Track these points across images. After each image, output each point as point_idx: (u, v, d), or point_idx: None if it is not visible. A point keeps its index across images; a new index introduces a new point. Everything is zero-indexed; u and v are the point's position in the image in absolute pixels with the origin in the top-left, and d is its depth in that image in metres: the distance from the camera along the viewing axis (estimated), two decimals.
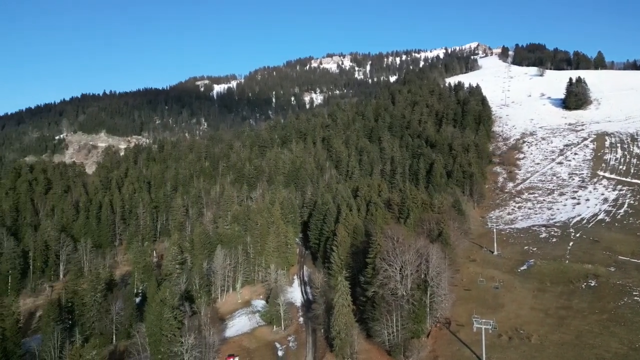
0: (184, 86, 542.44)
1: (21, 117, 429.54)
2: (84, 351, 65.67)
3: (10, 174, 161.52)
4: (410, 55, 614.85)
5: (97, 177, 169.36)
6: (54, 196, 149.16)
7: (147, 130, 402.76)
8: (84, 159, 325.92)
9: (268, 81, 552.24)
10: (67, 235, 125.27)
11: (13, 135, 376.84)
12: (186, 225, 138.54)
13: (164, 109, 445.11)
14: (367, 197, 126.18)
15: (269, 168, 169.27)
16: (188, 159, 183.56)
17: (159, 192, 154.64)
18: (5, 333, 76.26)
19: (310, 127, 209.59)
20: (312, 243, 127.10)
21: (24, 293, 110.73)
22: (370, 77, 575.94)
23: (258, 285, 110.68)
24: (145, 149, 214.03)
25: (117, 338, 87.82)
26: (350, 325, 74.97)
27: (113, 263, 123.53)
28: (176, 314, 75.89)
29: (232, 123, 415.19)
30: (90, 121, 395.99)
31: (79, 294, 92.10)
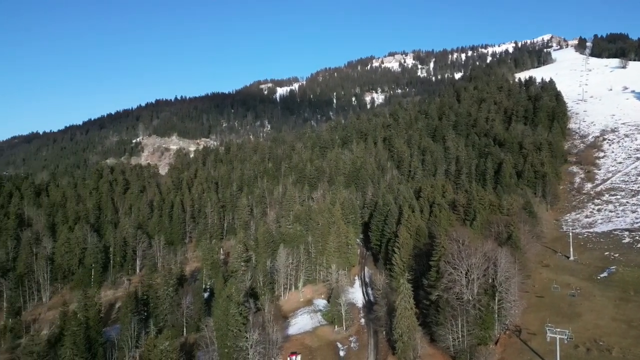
0: (249, 90, 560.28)
1: (103, 122, 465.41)
2: (157, 342, 69.89)
3: (94, 175, 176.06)
4: (476, 51, 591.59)
5: (170, 178, 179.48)
6: (131, 196, 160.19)
7: (215, 133, 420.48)
8: (157, 160, 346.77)
9: (329, 82, 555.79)
10: (142, 232, 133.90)
11: (96, 139, 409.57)
12: (251, 224, 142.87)
13: (230, 113, 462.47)
14: (430, 198, 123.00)
15: (329, 169, 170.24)
16: (252, 160, 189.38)
17: (225, 192, 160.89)
18: (89, 322, 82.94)
19: (371, 127, 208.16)
20: (373, 244, 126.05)
21: (105, 285, 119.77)
22: (433, 74, 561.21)
23: (319, 285, 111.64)
24: (213, 150, 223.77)
25: (187, 331, 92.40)
26: (413, 329, 73.41)
27: (184, 259, 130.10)
28: (241, 310, 78.37)
29: (294, 125, 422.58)
30: (163, 125, 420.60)
31: (153, 287, 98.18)
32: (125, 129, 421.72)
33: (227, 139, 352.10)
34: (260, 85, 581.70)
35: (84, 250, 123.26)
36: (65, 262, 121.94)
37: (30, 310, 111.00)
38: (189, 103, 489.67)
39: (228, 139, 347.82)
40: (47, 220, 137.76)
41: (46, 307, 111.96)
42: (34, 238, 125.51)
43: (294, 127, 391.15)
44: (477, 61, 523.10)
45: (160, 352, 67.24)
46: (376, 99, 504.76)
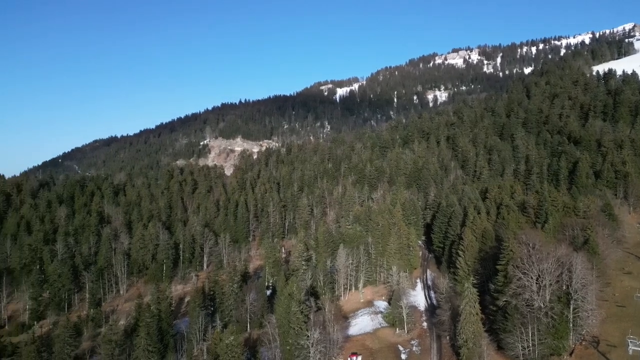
0: (309, 91, 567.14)
1: (174, 126, 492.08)
2: (223, 336, 72.65)
3: (165, 176, 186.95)
4: (548, 44, 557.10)
5: (234, 178, 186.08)
6: (199, 195, 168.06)
7: (277, 135, 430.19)
8: (223, 161, 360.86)
9: (390, 81, 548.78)
10: (209, 230, 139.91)
11: (167, 142, 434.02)
12: (311, 224, 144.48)
13: (291, 114, 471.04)
14: (497, 199, 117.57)
15: (390, 169, 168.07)
16: (313, 160, 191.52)
17: (287, 192, 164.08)
18: (161, 314, 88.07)
19: (433, 126, 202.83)
20: (436, 246, 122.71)
21: (175, 280, 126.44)
22: (500, 70, 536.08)
23: (380, 286, 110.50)
24: (274, 152, 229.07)
25: (250, 326, 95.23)
26: (479, 335, 70.50)
27: (247, 257, 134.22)
28: (302, 308, 79.41)
29: (354, 125, 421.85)
30: (228, 128, 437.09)
31: (219, 283, 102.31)
32: (193, 132, 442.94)
33: (288, 140, 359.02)
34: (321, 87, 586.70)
35: (156, 247, 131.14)
36: (140, 257, 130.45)
37: (109, 302, 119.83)
38: (253, 106, 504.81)
39: (289, 140, 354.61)
40: (124, 218, 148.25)
41: (123, 299, 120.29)
42: (112, 234, 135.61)
43: (354, 128, 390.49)
44: (549, 54, 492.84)
45: (226, 346, 69.78)
46: (439, 97, 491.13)
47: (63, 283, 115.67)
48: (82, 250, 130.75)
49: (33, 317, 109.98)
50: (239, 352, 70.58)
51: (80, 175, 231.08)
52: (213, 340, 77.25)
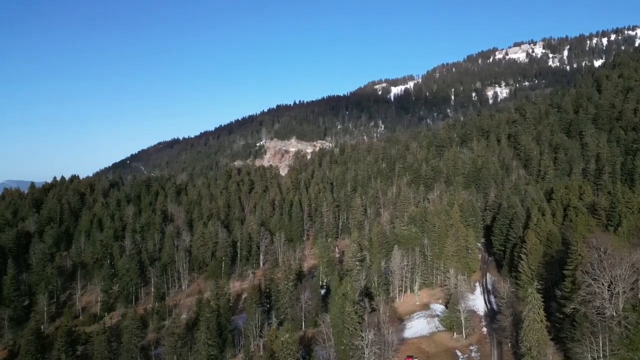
0: (363, 91, 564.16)
1: (231, 127, 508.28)
2: (279, 333, 74.01)
3: (224, 176, 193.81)
4: (621, 34, 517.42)
5: (289, 179, 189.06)
6: (255, 195, 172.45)
7: (330, 135, 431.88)
8: (278, 162, 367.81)
9: (446, 78, 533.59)
10: (265, 229, 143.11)
11: (225, 143, 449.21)
12: (365, 224, 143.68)
13: (344, 114, 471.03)
14: (564, 200, 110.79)
15: (447, 168, 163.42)
16: (366, 160, 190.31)
17: (340, 192, 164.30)
18: (220, 310, 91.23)
19: (493, 124, 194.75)
20: (496, 249, 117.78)
21: (233, 277, 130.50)
22: (567, 64, 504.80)
23: (437, 289, 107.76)
24: (328, 152, 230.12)
25: (305, 325, 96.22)
26: (544, 343, 66.78)
27: (302, 256, 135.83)
28: (357, 308, 79.13)
29: (409, 124, 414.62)
30: (283, 129, 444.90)
31: (274, 281, 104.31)
32: (250, 134, 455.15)
33: (341, 140, 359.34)
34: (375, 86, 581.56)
35: (215, 244, 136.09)
36: (200, 254, 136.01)
37: (172, 296, 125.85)
38: (307, 107, 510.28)
39: (342, 140, 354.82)
40: (185, 216, 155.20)
41: (185, 294, 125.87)
42: (175, 232, 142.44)
43: (409, 127, 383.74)
44: (622, 45, 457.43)
45: (282, 343, 71.01)
46: (499, 94, 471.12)
47: (131, 277, 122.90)
48: (147, 246, 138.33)
49: (104, 308, 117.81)
50: (294, 349, 71.51)
51: (146, 176, 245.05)
52: (269, 337, 78.87)
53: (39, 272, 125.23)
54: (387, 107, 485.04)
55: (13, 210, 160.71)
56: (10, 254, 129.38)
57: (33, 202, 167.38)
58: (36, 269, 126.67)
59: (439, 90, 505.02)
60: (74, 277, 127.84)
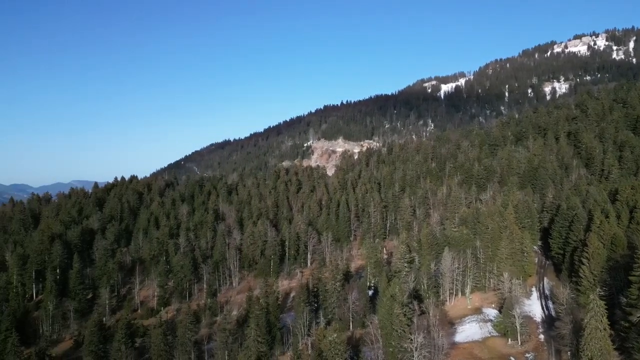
0: (412, 89, 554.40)
1: (280, 129, 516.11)
2: (327, 333, 74.24)
3: (272, 176, 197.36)
4: None
5: (336, 179, 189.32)
6: (303, 195, 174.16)
7: (378, 135, 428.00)
8: (325, 162, 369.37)
9: (500, 74, 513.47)
10: (313, 229, 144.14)
11: (274, 144, 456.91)
12: (413, 225, 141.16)
13: (392, 114, 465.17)
14: (630, 201, 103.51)
15: (500, 168, 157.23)
16: (415, 160, 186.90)
17: (388, 192, 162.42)
18: (269, 308, 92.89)
19: (551, 121, 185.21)
20: (555, 253, 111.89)
21: (281, 275, 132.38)
22: (634, 56, 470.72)
23: (489, 293, 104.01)
24: (375, 152, 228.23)
25: (353, 325, 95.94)
26: (607, 353, 62.61)
27: (349, 256, 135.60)
28: (405, 310, 77.90)
29: (460, 122, 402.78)
30: (330, 129, 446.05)
31: (322, 281, 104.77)
32: (298, 134, 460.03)
33: (389, 140, 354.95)
34: (424, 84, 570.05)
35: (264, 243, 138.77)
36: (250, 253, 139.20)
37: (223, 293, 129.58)
38: (354, 107, 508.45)
39: (390, 139, 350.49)
40: (236, 215, 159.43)
41: (236, 291, 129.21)
42: (226, 230, 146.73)
43: (460, 125, 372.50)
44: None
45: (329, 343, 71.19)
46: (558, 89, 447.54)
47: (185, 274, 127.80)
48: (200, 244, 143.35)
49: (160, 303, 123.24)
50: (342, 349, 71.47)
51: (199, 176, 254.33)
52: (317, 336, 79.32)
53: (102, 267, 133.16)
54: (436, 106, 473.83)
55: (78, 209, 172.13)
56: (75, 249, 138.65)
57: (96, 201, 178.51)
58: (99, 264, 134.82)
59: (492, 87, 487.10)
60: (133, 272, 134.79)
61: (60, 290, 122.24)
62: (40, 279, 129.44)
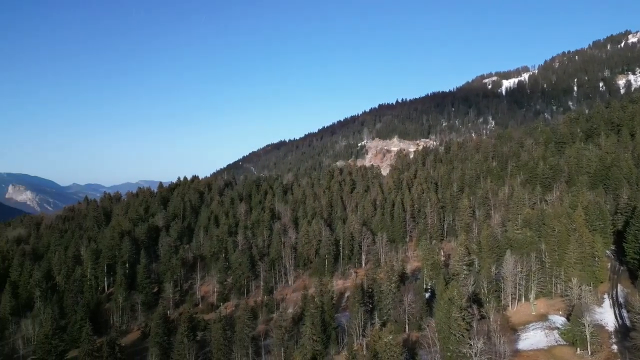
0: (471, 86, 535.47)
1: (334, 129, 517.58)
2: (382, 334, 73.41)
3: (326, 176, 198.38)
4: None
5: (391, 178, 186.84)
6: (357, 195, 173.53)
7: (434, 133, 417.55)
8: (380, 162, 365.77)
9: (567, 68, 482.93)
10: (367, 229, 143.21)
11: (328, 144, 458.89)
12: (473, 227, 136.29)
13: (450, 111, 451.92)
14: None
15: (568, 167, 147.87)
16: (474, 159, 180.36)
17: (445, 192, 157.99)
18: (324, 306, 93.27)
19: (626, 116, 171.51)
20: (630, 258, 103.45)
21: (336, 275, 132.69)
22: None
23: (556, 299, 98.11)
24: (432, 151, 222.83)
25: (409, 328, 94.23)
26: None
27: (404, 257, 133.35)
28: (464, 315, 75.42)
29: (523, 119, 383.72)
30: (384, 128, 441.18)
31: (377, 282, 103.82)
32: (352, 134, 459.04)
33: (446, 138, 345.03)
34: (484, 80, 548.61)
35: (319, 242, 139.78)
36: (305, 252, 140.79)
37: (279, 290, 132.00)
38: (409, 105, 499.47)
39: (448, 138, 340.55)
40: (291, 215, 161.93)
41: (291, 289, 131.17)
42: (282, 229, 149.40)
43: (523, 122, 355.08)
44: None
45: (385, 344, 70.35)
46: (633, 82, 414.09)
47: (243, 271, 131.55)
48: (257, 242, 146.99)
49: (220, 298, 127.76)
50: (397, 352, 70.38)
51: (256, 176, 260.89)
52: (372, 337, 78.62)
53: (166, 262, 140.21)
54: (497, 102, 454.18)
55: (145, 207, 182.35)
56: (142, 245, 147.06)
57: (161, 199, 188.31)
58: (163, 260, 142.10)
59: (559, 81, 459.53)
60: (194, 268, 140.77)
61: (129, 283, 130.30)
62: (111, 273, 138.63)
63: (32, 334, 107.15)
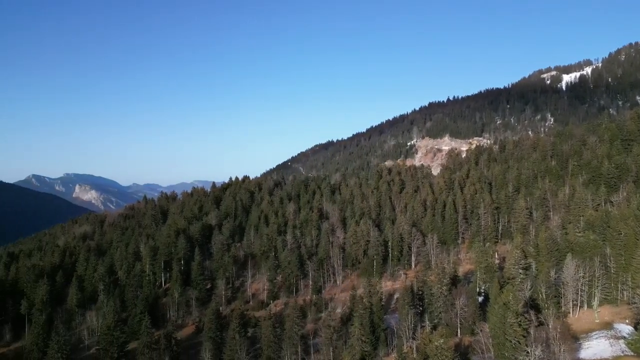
0: (527, 81, 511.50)
1: (382, 128, 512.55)
2: (433, 337, 71.84)
3: (375, 176, 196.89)
4: None
5: (442, 178, 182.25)
6: (406, 195, 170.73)
7: (488, 131, 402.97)
8: (430, 161, 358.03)
9: (635, 60, 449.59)
10: (417, 230, 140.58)
11: (376, 144, 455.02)
12: (530, 229, 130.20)
13: (505, 108, 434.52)
14: None
15: (636, 166, 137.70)
16: (531, 158, 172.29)
17: (500, 192, 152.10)
18: (372, 307, 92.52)
19: None
20: None
21: (384, 276, 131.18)
22: None
23: (622, 307, 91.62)
24: (486, 150, 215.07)
25: (461, 332, 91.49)
26: None
27: (456, 260, 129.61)
28: (520, 320, 72.21)
29: (585, 115, 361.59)
30: (435, 127, 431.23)
31: (427, 284, 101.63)
32: (401, 133, 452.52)
33: (501, 136, 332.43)
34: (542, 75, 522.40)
35: (367, 243, 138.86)
36: (353, 252, 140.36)
37: (328, 290, 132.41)
38: (461, 102, 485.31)
39: (503, 136, 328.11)
40: (339, 214, 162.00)
41: (339, 289, 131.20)
42: (330, 229, 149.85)
43: (585, 119, 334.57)
44: None
45: (436, 348, 68.75)
46: None
47: (292, 269, 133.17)
48: (306, 241, 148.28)
49: (270, 296, 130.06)
50: (449, 356, 68.55)
51: (304, 176, 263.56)
52: (422, 340, 77.13)
53: (218, 260, 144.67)
54: (557, 98, 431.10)
55: (199, 206, 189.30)
56: (196, 243, 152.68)
57: (214, 199, 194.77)
58: (216, 257, 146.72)
59: (626, 75, 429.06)
60: (245, 266, 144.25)
61: (184, 279, 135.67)
62: (168, 269, 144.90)
63: (96, 325, 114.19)
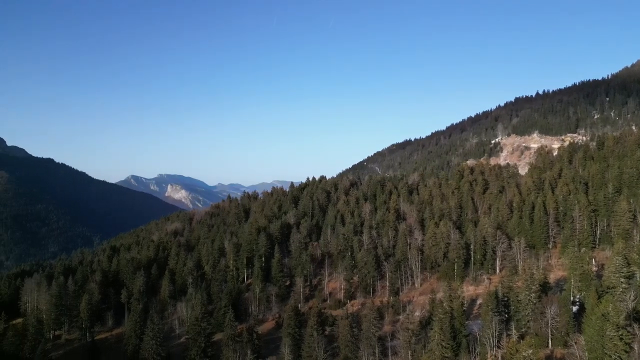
0: (630, 71, 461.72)
1: (463, 125, 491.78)
2: (520, 347, 67.39)
3: (455, 176, 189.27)
4: None
5: (530, 178, 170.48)
6: (490, 195, 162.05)
7: (583, 127, 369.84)
8: (516, 160, 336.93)
9: None
10: (502, 233, 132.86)
11: (457, 142, 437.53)
12: (633, 234, 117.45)
13: (603, 101, 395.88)
14: None
15: None
16: (635, 156, 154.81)
17: (598, 194, 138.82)
18: (453, 312, 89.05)
19: None
20: None
21: (466, 281, 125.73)
22: None
23: None
24: (581, 147, 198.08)
25: (552, 343, 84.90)
26: None
27: (546, 265, 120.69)
28: (622, 334, 65.30)
29: None
30: (522, 123, 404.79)
31: (513, 290, 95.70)
32: (484, 131, 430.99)
33: (599, 132, 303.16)
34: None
35: (447, 245, 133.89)
36: (432, 254, 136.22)
37: (405, 292, 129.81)
38: (552, 97, 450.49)
39: (601, 132, 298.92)
40: (417, 215, 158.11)
41: (418, 292, 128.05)
42: (407, 230, 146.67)
43: None
44: None
45: (524, 358, 64.46)
46: None
47: (368, 270, 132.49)
48: (382, 242, 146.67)
49: (346, 296, 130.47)
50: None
51: (381, 176, 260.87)
52: (508, 349, 72.63)
53: (297, 257, 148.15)
54: None
55: (278, 205, 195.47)
56: (276, 241, 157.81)
57: (292, 198, 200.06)
58: (294, 255, 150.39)
59: None
60: (322, 264, 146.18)
61: (264, 276, 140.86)
62: (250, 265, 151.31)
63: (186, 316, 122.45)
